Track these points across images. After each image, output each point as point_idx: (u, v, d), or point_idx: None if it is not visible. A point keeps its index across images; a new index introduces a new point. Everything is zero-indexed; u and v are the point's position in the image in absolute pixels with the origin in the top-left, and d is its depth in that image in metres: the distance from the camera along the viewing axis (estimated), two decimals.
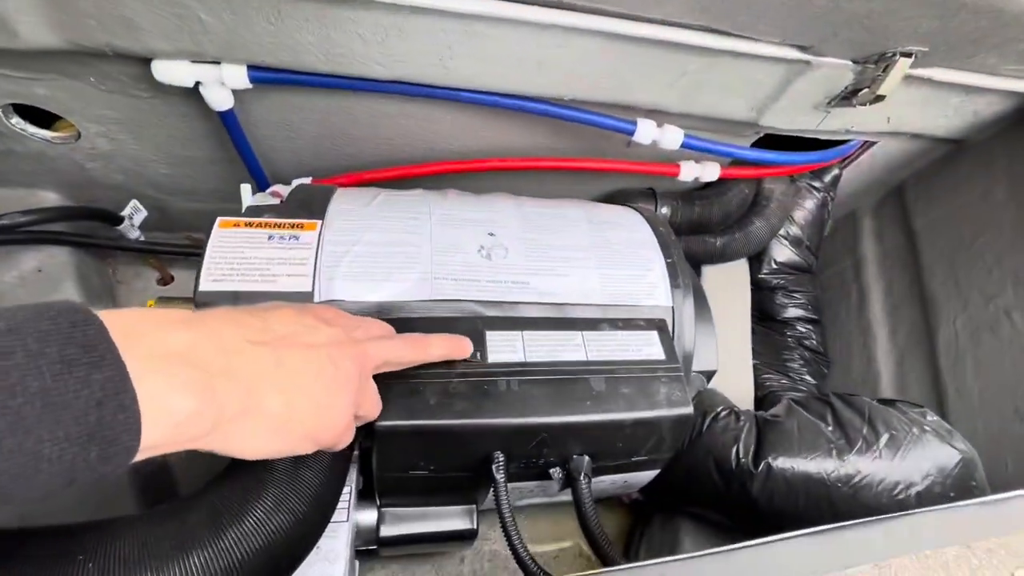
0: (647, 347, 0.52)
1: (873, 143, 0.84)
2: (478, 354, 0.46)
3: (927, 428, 0.51)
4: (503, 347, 0.48)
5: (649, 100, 0.64)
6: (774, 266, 0.94)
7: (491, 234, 0.54)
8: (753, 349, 0.91)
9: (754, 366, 0.89)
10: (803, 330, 0.92)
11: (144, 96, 0.59)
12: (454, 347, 0.44)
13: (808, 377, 0.88)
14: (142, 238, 0.77)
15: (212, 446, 0.28)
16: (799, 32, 0.54)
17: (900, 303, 0.84)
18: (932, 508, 0.35)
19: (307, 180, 0.70)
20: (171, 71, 0.53)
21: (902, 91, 0.66)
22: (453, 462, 0.46)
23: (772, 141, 0.77)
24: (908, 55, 0.56)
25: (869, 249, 0.95)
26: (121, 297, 0.81)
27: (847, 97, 0.63)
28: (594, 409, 0.46)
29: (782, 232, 0.94)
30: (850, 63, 0.59)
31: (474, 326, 0.48)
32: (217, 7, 0.47)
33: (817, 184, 0.93)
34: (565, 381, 0.47)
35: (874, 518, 0.33)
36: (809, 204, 0.93)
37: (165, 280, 0.85)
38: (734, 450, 0.52)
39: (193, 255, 0.81)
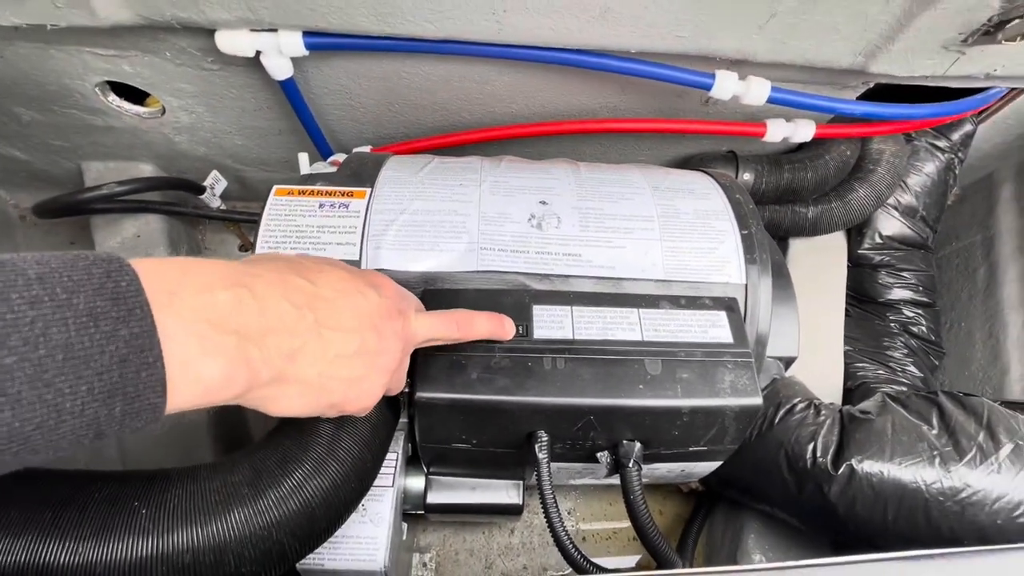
0: (713, 328, 0.46)
1: (1021, 91, 0.69)
2: (522, 328, 0.44)
3: None
4: (550, 323, 0.45)
5: (731, 48, 0.56)
6: (878, 240, 0.82)
7: (543, 202, 0.51)
8: (847, 335, 0.81)
9: (846, 353, 0.79)
10: (911, 315, 0.80)
11: (213, 69, 0.61)
12: (497, 327, 0.42)
13: (913, 368, 0.77)
14: (223, 207, 0.82)
15: (241, 402, 0.28)
16: None
17: None
18: None
19: (366, 149, 0.70)
20: (233, 41, 0.54)
21: None
22: (494, 438, 0.45)
23: (885, 90, 0.66)
24: None
25: (1006, 221, 0.80)
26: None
27: (990, 31, 0.51)
28: (647, 394, 0.43)
29: (891, 200, 0.81)
30: None
31: (520, 299, 0.46)
32: None
33: (941, 143, 0.78)
34: (616, 362, 0.44)
35: (997, 547, 0.27)
36: (929, 167, 0.79)
37: (245, 246, 0.91)
38: (810, 447, 0.46)
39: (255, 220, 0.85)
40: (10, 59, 0.59)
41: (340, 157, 0.66)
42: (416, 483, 0.54)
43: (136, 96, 0.69)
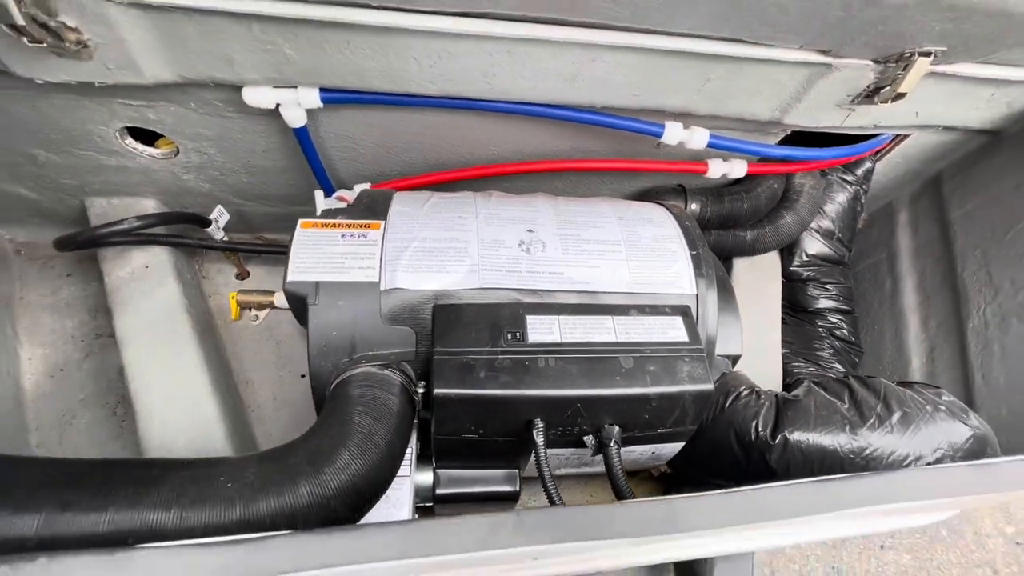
0: (672, 330, 0.57)
1: (905, 136, 0.86)
2: (519, 334, 0.53)
3: (941, 407, 0.54)
4: (542, 329, 0.54)
5: (677, 105, 0.69)
6: (805, 258, 0.97)
7: (530, 231, 0.61)
8: (784, 339, 0.94)
9: (784, 355, 0.92)
10: (834, 320, 0.94)
11: (232, 117, 0.69)
12: None
13: (838, 365, 0.90)
14: (225, 238, 0.88)
15: None
16: (817, 38, 0.58)
17: (932, 293, 0.85)
18: (925, 468, 0.40)
19: (366, 185, 0.79)
20: (257, 96, 0.62)
21: (928, 86, 0.68)
22: (498, 427, 0.53)
23: (803, 137, 0.81)
24: (927, 54, 0.59)
25: (904, 241, 0.96)
26: (207, 290, 0.93)
27: (869, 95, 0.66)
28: (622, 384, 0.52)
29: (813, 225, 0.96)
30: (870, 63, 0.63)
31: (516, 311, 0.55)
32: (299, 42, 0.56)
33: (849, 177, 0.95)
34: (597, 359, 0.53)
35: (863, 473, 0.38)
36: (840, 197, 0.95)
37: (242, 275, 0.96)
38: (754, 424, 0.57)
39: (266, 252, 0.92)
40: (42, 108, 0.65)
41: (345, 193, 0.74)
42: (425, 478, 0.61)
43: (147, 137, 0.76)
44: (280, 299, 0.92)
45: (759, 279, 0.97)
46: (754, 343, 0.91)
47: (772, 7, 0.51)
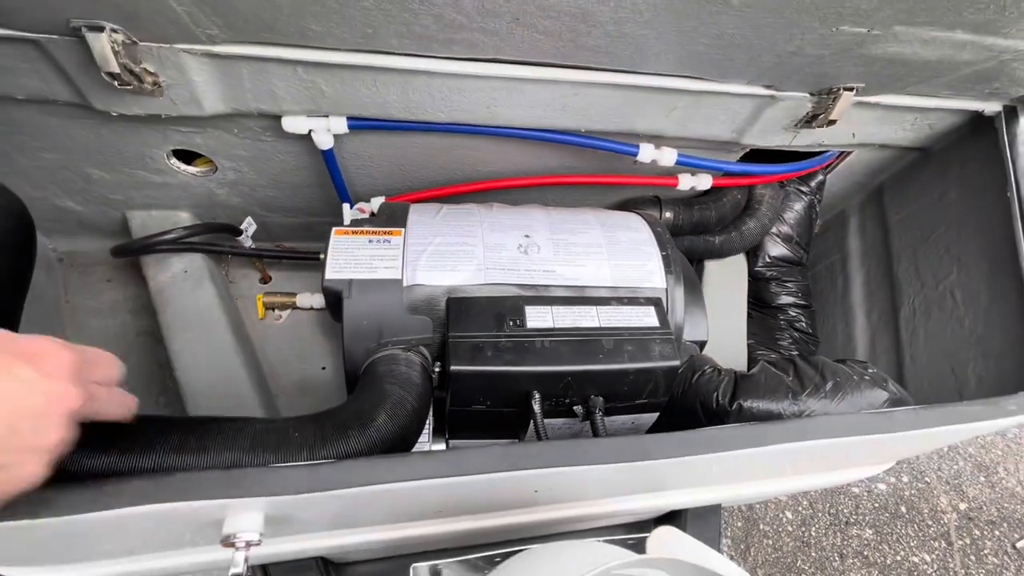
0: (646, 318, 0.69)
1: (848, 153, 0.99)
2: (519, 321, 0.65)
3: (866, 376, 0.66)
4: (538, 317, 0.66)
5: (648, 128, 0.81)
6: (768, 260, 1.09)
7: (527, 236, 0.72)
8: (749, 331, 1.07)
9: (749, 345, 1.04)
10: (794, 314, 1.07)
11: (268, 140, 0.80)
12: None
13: (795, 354, 1.03)
14: (253, 246, 0.98)
15: None
16: (760, 77, 0.70)
17: (875, 289, 0.98)
18: (840, 415, 0.51)
19: (381, 198, 0.90)
20: (294, 124, 0.73)
21: (860, 112, 0.82)
22: (503, 399, 0.64)
23: (763, 154, 0.93)
24: (850, 89, 0.72)
25: (853, 243, 1.09)
26: (235, 292, 1.03)
27: (808, 121, 0.79)
28: (605, 361, 0.64)
29: (774, 230, 1.09)
30: (807, 95, 0.75)
31: (516, 303, 0.67)
32: (334, 81, 0.67)
33: (804, 188, 1.08)
34: (584, 341, 0.65)
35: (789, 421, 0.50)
36: (797, 206, 1.08)
37: (265, 279, 1.06)
38: (715, 395, 0.68)
39: (288, 259, 1.02)
40: (104, 134, 0.76)
41: (364, 205, 0.85)
42: (439, 448, 0.72)
43: (186, 156, 0.86)
44: (301, 300, 1.02)
45: (727, 278, 1.09)
46: (723, 333, 1.04)
47: (719, 56, 0.63)
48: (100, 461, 0.42)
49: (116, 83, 0.58)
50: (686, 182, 0.92)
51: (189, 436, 0.46)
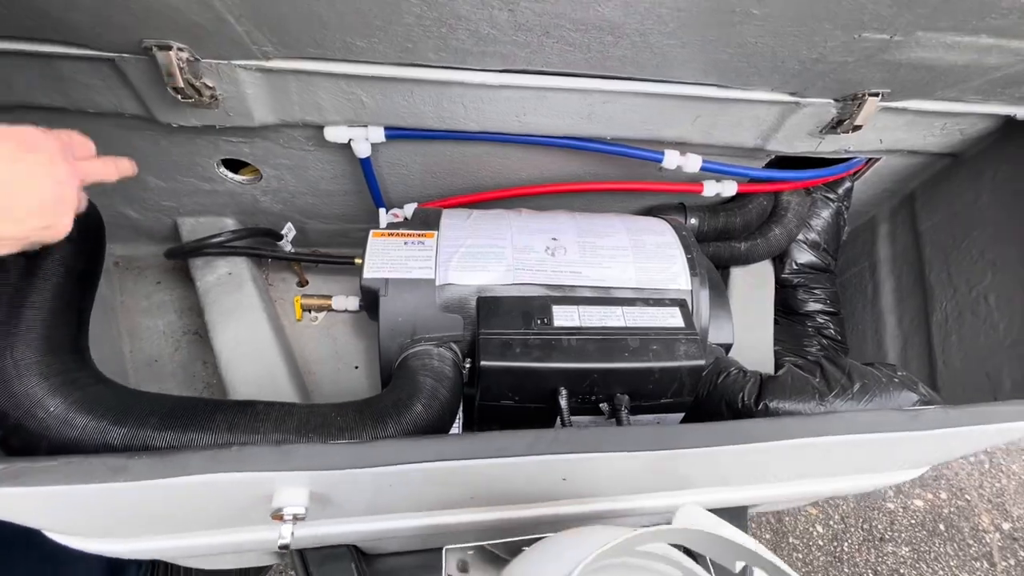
0: (671, 319, 0.70)
1: (876, 159, 0.99)
2: (547, 319, 0.67)
3: (895, 379, 0.66)
4: (565, 316, 0.68)
5: (674, 136, 0.83)
6: (795, 267, 1.09)
7: (554, 239, 0.75)
8: (777, 338, 1.06)
9: (776, 352, 1.03)
10: (822, 321, 1.06)
11: (311, 149, 0.85)
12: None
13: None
14: (292, 250, 1.03)
15: None
16: (783, 84, 0.72)
17: (906, 295, 0.97)
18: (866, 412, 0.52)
19: (414, 204, 0.94)
20: (335, 133, 0.78)
21: (887, 118, 0.82)
22: (531, 394, 0.66)
23: (789, 161, 0.94)
24: (876, 94, 0.72)
25: (884, 250, 1.08)
26: (274, 294, 1.08)
27: (834, 127, 0.80)
28: (630, 359, 0.65)
29: (801, 237, 1.09)
30: (832, 101, 0.76)
31: (544, 302, 0.69)
32: (373, 92, 0.71)
33: (831, 195, 1.08)
34: (609, 340, 0.66)
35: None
36: (824, 213, 1.08)
37: (302, 283, 1.11)
38: (740, 395, 0.69)
39: (324, 263, 1.07)
40: (163, 144, 0.82)
41: (398, 211, 0.89)
42: None
43: (233, 165, 0.92)
44: (336, 303, 1.07)
45: (754, 285, 1.09)
46: (749, 339, 1.04)
47: (742, 64, 0.65)
48: (164, 437, 0.46)
49: (179, 96, 0.64)
50: (711, 188, 0.93)
51: (241, 417, 0.49)
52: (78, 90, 0.69)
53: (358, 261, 0.74)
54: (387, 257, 0.71)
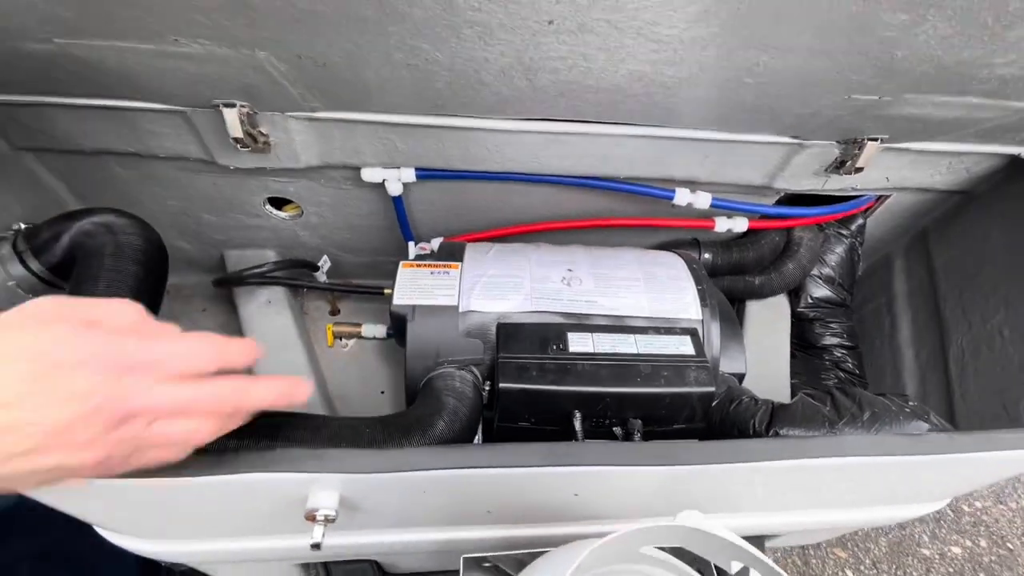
0: (682, 347, 0.73)
1: (887, 196, 1.02)
2: (562, 345, 0.71)
3: (906, 408, 0.67)
4: (580, 342, 0.72)
5: (684, 175, 0.88)
6: (810, 301, 1.11)
7: (569, 270, 0.80)
8: (794, 372, 1.07)
9: (793, 385, 1.04)
10: (839, 355, 1.07)
11: (348, 188, 0.93)
12: (285, 392, 0.40)
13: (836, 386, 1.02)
14: (327, 281, 1.11)
15: None
16: (785, 130, 0.77)
17: (922, 330, 0.97)
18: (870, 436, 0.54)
19: (440, 239, 1.01)
20: (371, 174, 0.86)
21: (891, 157, 0.86)
22: (547, 416, 0.70)
23: (802, 198, 0.98)
24: (875, 139, 0.77)
25: (900, 285, 1.09)
26: (307, 322, 1.15)
27: (837, 167, 0.84)
28: (642, 384, 0.68)
29: (816, 272, 1.11)
30: (834, 143, 0.81)
31: (560, 329, 0.73)
32: (406, 138, 0.79)
33: (844, 232, 1.10)
34: (622, 365, 0.70)
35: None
36: (838, 249, 1.10)
37: (334, 311, 1.18)
38: (752, 422, 0.70)
39: (356, 293, 1.14)
40: (219, 184, 0.91)
41: (426, 244, 0.96)
42: None
43: (277, 202, 1.01)
44: (366, 330, 1.13)
45: (769, 319, 1.11)
46: (765, 372, 1.05)
47: (744, 115, 0.71)
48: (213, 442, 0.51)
49: (238, 145, 0.72)
50: (723, 224, 0.97)
51: (282, 427, 0.54)
52: (151, 138, 0.78)
53: (387, 291, 0.80)
54: (415, 285, 0.77)
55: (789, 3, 0.48)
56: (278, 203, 1.01)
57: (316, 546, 0.47)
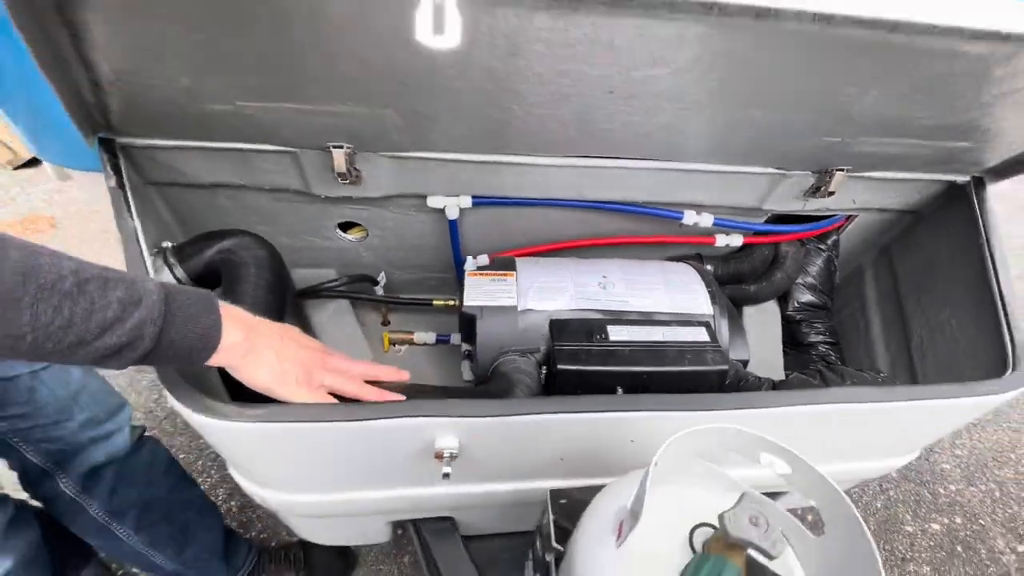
0: (699, 335, 0.91)
1: (855, 216, 1.23)
2: (604, 335, 0.88)
3: (878, 379, 0.85)
4: (618, 333, 0.89)
5: (691, 199, 1.08)
6: (797, 305, 1.30)
7: (604, 276, 0.98)
8: (786, 367, 1.25)
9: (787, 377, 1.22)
10: (823, 350, 1.25)
11: (412, 213, 1.11)
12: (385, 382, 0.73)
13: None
14: (383, 295, 1.27)
15: (238, 364, 0.58)
16: (772, 163, 0.97)
17: (890, 326, 1.17)
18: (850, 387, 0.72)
19: (485, 256, 1.19)
20: (435, 201, 1.04)
21: (856, 183, 1.07)
22: (595, 391, 0.86)
23: (786, 217, 1.18)
24: (842, 169, 0.97)
25: (870, 291, 1.29)
26: (364, 331, 1.31)
27: (813, 192, 1.04)
28: (669, 364, 0.86)
29: (800, 280, 1.30)
30: (811, 172, 1.01)
31: (601, 323, 0.90)
32: (468, 172, 0.97)
33: (822, 246, 1.31)
34: (654, 351, 0.87)
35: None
36: (818, 261, 1.31)
37: (385, 322, 1.34)
38: None
39: (408, 304, 1.30)
40: (304, 210, 1.08)
41: (478, 259, 1.14)
42: None
43: (343, 226, 1.17)
44: (418, 337, 1.29)
45: (763, 321, 1.30)
46: (761, 368, 1.23)
47: (735, 152, 0.91)
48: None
49: (339, 179, 0.90)
50: (722, 240, 1.17)
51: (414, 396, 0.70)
52: (260, 173, 0.95)
53: (436, 302, 0.97)
54: (480, 290, 0.94)
55: (776, 81, 0.68)
56: (343, 227, 1.18)
57: (446, 475, 0.63)
